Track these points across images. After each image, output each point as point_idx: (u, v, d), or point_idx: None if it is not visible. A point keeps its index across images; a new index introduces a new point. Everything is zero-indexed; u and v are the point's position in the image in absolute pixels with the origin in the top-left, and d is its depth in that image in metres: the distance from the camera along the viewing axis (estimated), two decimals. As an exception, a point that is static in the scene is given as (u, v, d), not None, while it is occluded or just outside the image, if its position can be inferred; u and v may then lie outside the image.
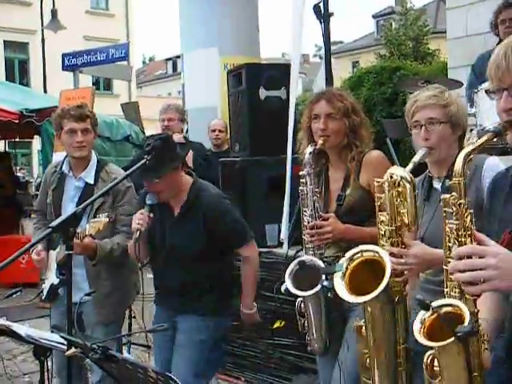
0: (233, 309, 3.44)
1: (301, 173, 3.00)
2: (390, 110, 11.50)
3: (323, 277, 2.73)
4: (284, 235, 4.64)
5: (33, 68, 25.88)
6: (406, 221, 2.31)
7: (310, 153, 2.97)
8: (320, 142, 2.95)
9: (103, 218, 3.31)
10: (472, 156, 1.70)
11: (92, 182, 3.62)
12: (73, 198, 3.65)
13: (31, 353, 2.63)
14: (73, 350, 2.22)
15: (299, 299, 3.00)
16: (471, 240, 1.65)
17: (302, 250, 3.17)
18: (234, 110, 5.44)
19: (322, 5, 4.81)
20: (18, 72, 27.32)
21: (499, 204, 1.87)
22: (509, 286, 1.54)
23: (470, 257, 1.57)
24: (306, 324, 3.02)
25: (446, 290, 1.77)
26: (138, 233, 3.13)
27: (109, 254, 3.48)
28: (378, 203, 2.36)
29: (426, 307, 1.69)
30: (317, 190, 2.98)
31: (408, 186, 2.29)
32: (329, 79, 4.98)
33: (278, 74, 5.06)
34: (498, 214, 1.85)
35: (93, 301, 3.43)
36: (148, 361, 4.74)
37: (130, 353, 4.73)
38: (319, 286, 2.76)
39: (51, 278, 3.66)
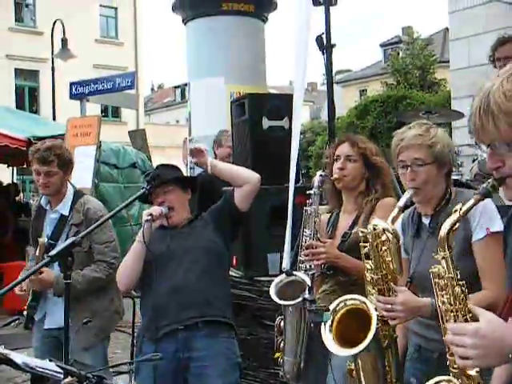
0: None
1: (308, 192, 3.10)
2: (395, 139, 11.54)
3: (306, 290, 2.72)
4: (286, 264, 4.63)
5: (43, 95, 26.14)
6: (392, 269, 2.32)
7: (321, 175, 3.08)
8: (335, 176, 3.04)
9: (41, 239, 3.49)
10: (459, 224, 1.71)
11: (67, 213, 3.68)
12: (48, 229, 3.72)
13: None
14: (69, 378, 2.22)
15: (279, 318, 2.99)
16: (465, 311, 1.65)
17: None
18: (238, 139, 5.48)
19: (324, 36, 4.88)
20: (28, 99, 27.59)
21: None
22: (490, 365, 1.50)
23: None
24: (282, 345, 2.98)
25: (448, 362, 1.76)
26: (150, 217, 3.13)
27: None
28: (364, 251, 2.37)
29: None
30: (320, 212, 3.05)
31: (390, 237, 2.29)
32: (331, 109, 5.03)
33: (281, 103, 5.08)
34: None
35: (71, 328, 3.41)
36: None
37: (131, 382, 4.69)
38: (300, 298, 2.77)
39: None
